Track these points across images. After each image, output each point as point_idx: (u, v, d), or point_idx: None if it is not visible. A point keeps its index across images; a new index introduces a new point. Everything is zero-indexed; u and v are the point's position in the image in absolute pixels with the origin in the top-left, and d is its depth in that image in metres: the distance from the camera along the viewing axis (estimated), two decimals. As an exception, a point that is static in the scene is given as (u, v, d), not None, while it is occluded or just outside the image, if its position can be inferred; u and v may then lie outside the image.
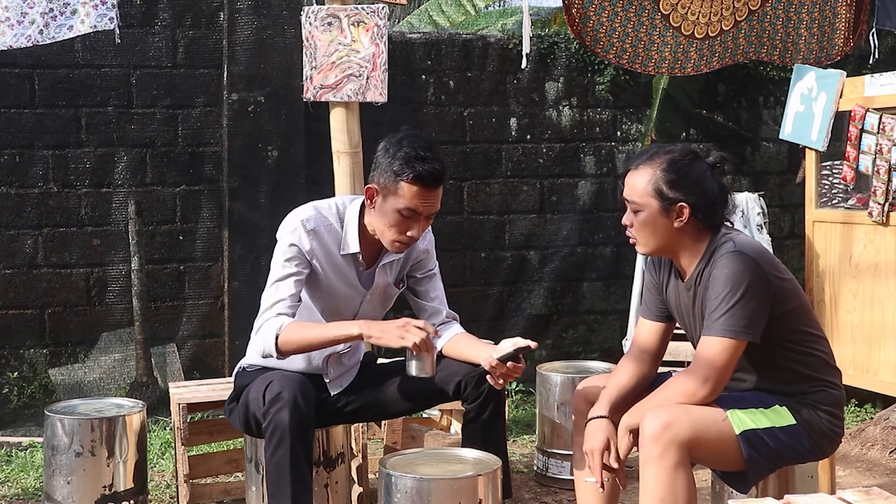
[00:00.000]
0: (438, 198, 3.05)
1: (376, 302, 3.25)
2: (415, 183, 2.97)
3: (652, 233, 2.84)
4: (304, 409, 2.93)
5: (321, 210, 3.14)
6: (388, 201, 3.01)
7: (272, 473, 2.94)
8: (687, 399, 2.71)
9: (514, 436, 4.98)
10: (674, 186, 2.80)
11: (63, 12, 4.22)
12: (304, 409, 2.93)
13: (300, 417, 2.92)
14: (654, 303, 3.03)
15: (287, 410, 2.90)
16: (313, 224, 3.09)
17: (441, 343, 3.26)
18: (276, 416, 2.91)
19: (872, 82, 4.96)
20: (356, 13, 4.35)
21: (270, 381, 3.01)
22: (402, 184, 2.97)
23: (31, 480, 4.38)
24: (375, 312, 3.28)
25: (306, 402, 2.95)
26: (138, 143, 5.73)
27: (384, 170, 3.01)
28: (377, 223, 3.07)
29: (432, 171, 2.98)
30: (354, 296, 3.19)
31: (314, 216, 3.10)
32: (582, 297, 6.46)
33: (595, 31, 4.69)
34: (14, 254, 5.58)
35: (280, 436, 2.90)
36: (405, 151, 2.99)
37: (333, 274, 3.14)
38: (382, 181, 3.01)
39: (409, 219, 3.01)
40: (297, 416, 2.91)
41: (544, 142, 6.39)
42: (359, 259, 3.16)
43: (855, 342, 5.07)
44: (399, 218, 3.01)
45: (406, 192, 2.98)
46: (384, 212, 3.02)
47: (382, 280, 3.22)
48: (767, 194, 6.04)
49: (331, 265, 3.13)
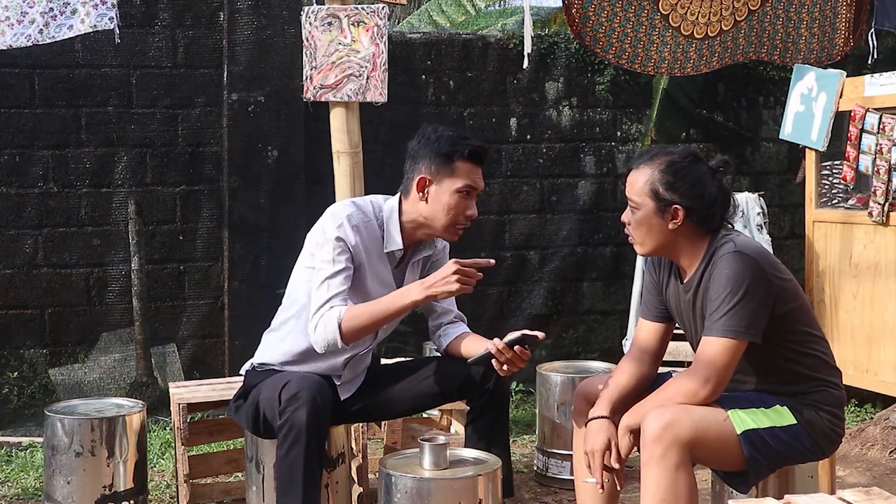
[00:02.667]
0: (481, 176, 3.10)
1: None
2: (469, 159, 3.05)
3: (647, 232, 2.85)
4: (321, 410, 2.93)
5: (361, 207, 3.14)
6: (443, 184, 3.04)
7: (284, 472, 2.93)
8: (688, 399, 2.71)
9: (514, 436, 4.98)
10: (670, 188, 2.81)
11: (63, 12, 4.22)
12: (322, 409, 2.93)
13: (317, 417, 2.91)
14: (654, 303, 3.04)
15: (305, 410, 2.89)
16: (356, 220, 3.09)
17: (447, 342, 3.27)
18: (293, 415, 2.91)
19: (872, 82, 4.96)
20: (356, 13, 4.35)
21: (287, 381, 3.00)
22: (457, 163, 3.03)
23: (31, 480, 4.38)
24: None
25: (324, 403, 2.95)
26: (138, 143, 5.73)
27: (432, 157, 3.05)
28: (432, 211, 3.07)
29: (481, 145, 3.09)
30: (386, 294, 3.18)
31: (356, 213, 3.10)
32: (582, 297, 6.46)
33: (595, 31, 4.69)
34: (14, 254, 5.58)
35: (296, 435, 2.90)
36: (448, 135, 3.07)
37: (370, 271, 3.13)
38: (434, 167, 3.05)
39: (468, 197, 3.06)
40: (314, 415, 2.90)
41: (544, 142, 6.39)
42: (396, 257, 3.16)
43: (855, 342, 5.07)
44: (459, 198, 3.04)
45: (462, 169, 3.04)
46: (440, 197, 3.05)
47: (412, 278, 3.21)
48: (767, 194, 6.04)
49: (369, 262, 3.12)
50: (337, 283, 3.02)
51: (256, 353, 3.29)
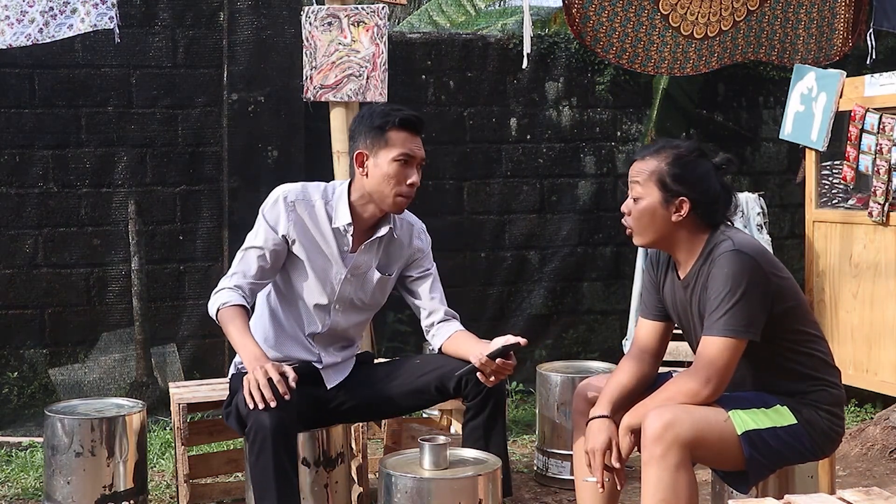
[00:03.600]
0: (422, 146, 3.16)
1: (357, 284, 3.24)
2: (402, 127, 3.10)
3: (649, 223, 2.85)
4: (284, 412, 2.89)
5: (306, 187, 3.21)
6: (380, 156, 3.10)
7: (257, 478, 2.90)
8: (689, 399, 2.71)
9: (514, 436, 4.98)
10: (677, 180, 2.81)
11: (63, 11, 4.22)
12: (285, 411, 2.89)
13: (281, 420, 2.88)
14: (653, 302, 3.04)
15: (267, 414, 2.86)
16: (294, 197, 3.17)
17: (440, 341, 3.27)
18: (257, 419, 2.88)
19: (872, 82, 4.96)
20: (356, 13, 4.35)
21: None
22: (390, 133, 3.09)
23: (31, 480, 4.38)
24: (358, 297, 3.26)
25: (287, 405, 2.90)
26: (138, 143, 5.73)
27: (366, 131, 3.12)
28: (374, 184, 3.12)
29: (412, 114, 3.14)
30: (337, 272, 3.19)
31: (297, 190, 3.19)
32: (582, 297, 6.46)
33: (595, 31, 4.69)
34: (14, 254, 5.58)
35: (262, 440, 2.87)
36: (380, 109, 3.16)
37: (315, 250, 3.17)
38: (369, 141, 3.12)
39: (407, 165, 3.10)
40: (278, 419, 2.87)
41: (544, 142, 6.39)
42: (347, 235, 3.17)
43: (855, 342, 5.07)
44: (398, 167, 3.09)
45: (396, 139, 3.09)
46: (379, 169, 3.10)
47: (364, 260, 3.21)
48: (767, 194, 6.05)
49: (310, 241, 3.16)
50: (249, 260, 3.17)
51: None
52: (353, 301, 3.25)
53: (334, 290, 3.21)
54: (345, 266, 3.20)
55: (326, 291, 3.20)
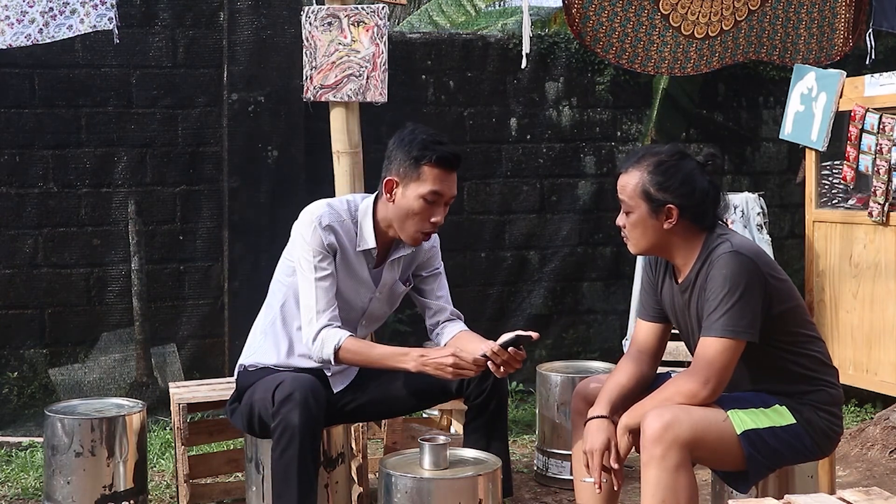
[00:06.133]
0: (455, 183, 3.08)
1: (384, 300, 3.26)
2: (437, 165, 3.00)
3: (643, 234, 2.86)
4: (314, 411, 2.93)
5: (333, 206, 3.14)
6: (409, 189, 3.02)
7: (280, 474, 2.93)
8: (688, 400, 2.72)
9: (514, 436, 4.98)
10: (661, 188, 2.81)
11: (63, 11, 4.22)
12: (315, 410, 2.93)
13: (311, 418, 2.92)
14: (651, 303, 3.04)
15: (298, 411, 2.90)
16: (328, 221, 3.09)
17: (444, 340, 3.28)
18: (286, 416, 2.91)
19: (872, 82, 4.96)
20: (356, 13, 4.35)
21: (280, 381, 3.01)
22: (424, 168, 3.00)
23: (31, 480, 4.38)
24: (382, 311, 3.29)
25: (317, 404, 2.95)
26: (138, 143, 5.73)
27: (403, 159, 3.03)
28: (397, 215, 3.07)
29: (452, 152, 3.03)
30: (365, 293, 3.20)
31: (327, 212, 3.11)
32: (582, 297, 6.46)
33: (595, 31, 4.69)
34: (14, 254, 5.58)
35: (290, 436, 2.90)
36: (422, 138, 3.03)
37: (345, 271, 3.14)
38: (402, 170, 3.03)
39: (433, 204, 3.03)
40: (308, 416, 2.91)
41: (544, 142, 6.38)
42: (372, 255, 3.16)
43: (855, 342, 5.07)
44: (423, 205, 3.02)
45: (429, 176, 3.00)
46: (406, 201, 3.03)
47: (390, 277, 3.22)
48: (767, 194, 6.04)
49: (343, 262, 3.13)
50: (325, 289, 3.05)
51: (244, 352, 3.30)
52: (378, 315, 3.29)
53: (364, 308, 3.22)
54: (374, 285, 3.20)
55: (355, 309, 3.20)
